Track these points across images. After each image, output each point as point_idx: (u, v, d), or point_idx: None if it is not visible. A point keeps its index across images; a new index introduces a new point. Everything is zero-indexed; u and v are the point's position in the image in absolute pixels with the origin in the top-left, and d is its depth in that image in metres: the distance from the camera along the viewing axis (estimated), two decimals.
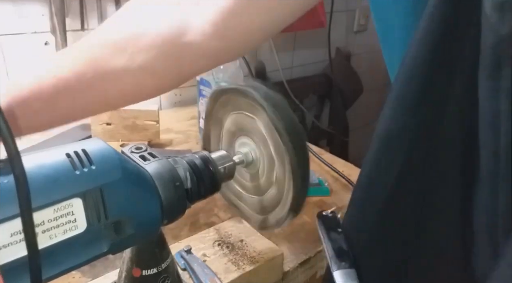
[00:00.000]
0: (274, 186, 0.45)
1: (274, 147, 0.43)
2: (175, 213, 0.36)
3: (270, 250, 0.54)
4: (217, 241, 0.55)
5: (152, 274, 0.41)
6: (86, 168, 0.29)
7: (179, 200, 0.36)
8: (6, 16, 0.87)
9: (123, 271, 0.42)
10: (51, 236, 0.28)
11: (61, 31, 0.88)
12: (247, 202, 0.50)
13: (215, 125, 0.50)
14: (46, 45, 0.93)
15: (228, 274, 0.50)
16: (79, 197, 0.28)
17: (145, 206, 0.33)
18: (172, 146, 0.94)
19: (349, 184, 0.79)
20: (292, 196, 0.42)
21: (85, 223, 0.29)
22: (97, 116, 0.86)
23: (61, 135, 0.93)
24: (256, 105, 0.42)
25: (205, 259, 0.52)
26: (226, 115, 0.48)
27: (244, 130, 0.46)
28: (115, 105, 0.50)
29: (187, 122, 1.07)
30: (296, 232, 0.64)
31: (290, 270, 0.58)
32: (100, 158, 0.30)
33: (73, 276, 0.54)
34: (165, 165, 0.36)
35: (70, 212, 0.28)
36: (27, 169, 0.24)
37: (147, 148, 0.39)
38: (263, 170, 0.46)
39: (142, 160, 0.37)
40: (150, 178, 0.35)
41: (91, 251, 0.30)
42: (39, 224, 0.27)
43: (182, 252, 0.53)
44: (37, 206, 0.26)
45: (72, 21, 0.94)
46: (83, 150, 0.30)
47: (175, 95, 1.18)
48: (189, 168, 0.38)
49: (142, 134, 0.89)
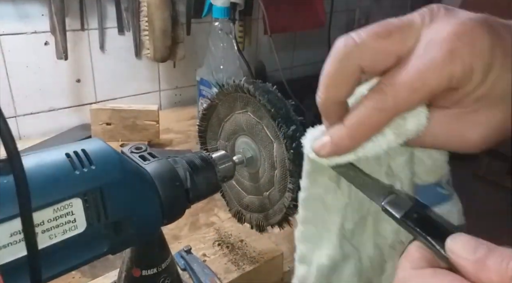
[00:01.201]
0: (274, 185, 0.45)
1: (276, 149, 0.43)
2: (175, 213, 0.36)
3: (270, 250, 0.54)
4: (217, 241, 0.55)
5: (152, 274, 0.41)
6: (86, 168, 0.29)
7: (178, 200, 0.36)
8: (6, 16, 0.87)
9: (123, 271, 0.42)
10: (50, 236, 0.28)
11: (61, 31, 0.88)
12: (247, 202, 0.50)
13: (215, 122, 0.50)
14: (46, 45, 0.93)
15: (228, 274, 0.50)
16: (79, 197, 0.28)
17: (145, 206, 0.33)
18: (172, 146, 0.94)
19: None
20: (292, 195, 0.42)
21: (85, 223, 0.29)
22: (97, 116, 0.86)
23: (61, 136, 0.94)
24: (262, 108, 0.42)
25: (205, 259, 0.52)
26: (228, 113, 0.48)
27: (245, 130, 0.46)
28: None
29: (187, 122, 1.07)
30: None
31: (290, 269, 0.58)
32: (100, 158, 0.30)
33: (73, 276, 0.54)
34: (165, 165, 0.36)
35: (69, 212, 0.28)
36: (27, 169, 0.24)
37: (147, 148, 0.39)
38: (263, 170, 0.46)
39: (142, 160, 0.37)
40: (150, 178, 0.35)
41: (91, 251, 0.30)
42: (39, 224, 0.27)
43: (182, 252, 0.53)
44: (37, 206, 0.26)
45: (72, 21, 0.94)
46: (83, 150, 0.30)
47: (175, 95, 1.18)
48: (189, 168, 0.38)
49: (142, 135, 0.89)
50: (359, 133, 0.26)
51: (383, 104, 0.24)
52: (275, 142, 0.43)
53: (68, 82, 0.99)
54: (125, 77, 1.07)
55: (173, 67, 1.12)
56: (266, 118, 0.43)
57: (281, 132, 0.40)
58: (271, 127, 0.42)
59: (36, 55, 0.92)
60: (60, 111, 1.00)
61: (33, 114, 0.96)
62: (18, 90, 0.92)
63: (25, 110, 0.95)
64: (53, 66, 0.94)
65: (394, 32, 0.25)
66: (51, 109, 0.98)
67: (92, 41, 0.99)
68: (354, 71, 0.25)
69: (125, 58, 1.05)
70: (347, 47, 0.25)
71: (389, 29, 0.25)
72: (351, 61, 0.25)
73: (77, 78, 1.00)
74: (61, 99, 0.99)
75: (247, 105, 0.45)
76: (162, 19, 0.95)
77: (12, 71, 0.90)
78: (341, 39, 0.26)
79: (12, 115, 0.93)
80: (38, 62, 0.93)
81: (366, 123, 0.25)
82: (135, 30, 1.01)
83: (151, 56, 0.99)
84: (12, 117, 0.94)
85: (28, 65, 0.92)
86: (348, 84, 0.26)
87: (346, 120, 0.26)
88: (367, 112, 0.25)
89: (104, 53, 1.02)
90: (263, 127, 0.44)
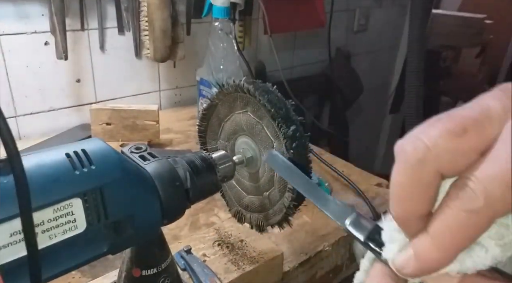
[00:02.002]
0: (274, 185, 0.45)
1: (276, 149, 0.43)
2: (175, 213, 0.36)
3: (270, 250, 0.54)
4: (217, 241, 0.55)
5: (152, 274, 0.41)
6: (86, 168, 0.29)
7: (178, 200, 0.36)
8: (6, 16, 0.87)
9: (123, 271, 0.42)
10: (50, 236, 0.28)
11: (61, 31, 0.88)
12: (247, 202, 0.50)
13: (215, 122, 0.50)
14: (46, 45, 0.93)
15: (228, 274, 0.50)
16: (78, 197, 0.28)
17: (145, 206, 0.33)
18: (172, 146, 0.94)
19: (349, 184, 0.79)
20: (291, 195, 0.42)
21: (85, 223, 0.29)
22: (97, 116, 0.86)
23: (61, 136, 0.94)
24: (262, 108, 0.42)
25: (205, 259, 0.52)
26: (228, 113, 0.48)
27: (245, 130, 0.46)
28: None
29: (187, 122, 1.07)
30: (296, 232, 0.64)
31: (290, 270, 0.58)
32: (100, 158, 0.30)
33: (73, 276, 0.54)
34: (165, 165, 0.36)
35: (69, 212, 0.28)
36: (26, 169, 0.24)
37: (147, 148, 0.39)
38: (263, 170, 0.46)
39: (142, 160, 0.37)
40: (150, 178, 0.35)
41: (91, 251, 0.30)
42: (39, 224, 0.27)
43: (182, 252, 0.53)
44: (37, 206, 0.26)
45: (72, 21, 0.94)
46: (83, 150, 0.30)
47: (175, 95, 1.18)
48: (189, 168, 0.38)
49: (142, 135, 0.89)
50: (449, 243, 0.21)
51: (472, 204, 0.20)
52: (275, 142, 0.43)
53: (68, 82, 0.99)
54: (125, 77, 1.07)
55: (173, 67, 1.12)
56: (266, 118, 0.43)
57: (281, 132, 0.40)
58: (271, 127, 0.42)
59: (36, 55, 0.92)
60: (60, 111, 1.00)
61: (33, 114, 0.96)
62: (18, 90, 0.92)
63: (25, 110, 0.95)
64: (53, 66, 0.95)
65: (470, 128, 0.21)
66: (51, 109, 0.98)
67: (92, 41, 0.99)
68: (434, 178, 0.21)
69: (125, 58, 1.05)
70: (419, 153, 0.21)
71: (463, 124, 0.21)
72: (428, 167, 0.21)
73: (77, 78, 1.00)
74: (61, 99, 0.99)
75: (247, 105, 0.45)
76: (162, 19, 0.95)
77: (12, 71, 0.90)
78: (406, 142, 0.21)
79: (12, 115, 0.93)
80: (38, 62, 0.93)
81: (456, 230, 0.20)
82: (135, 30, 1.01)
83: (151, 56, 0.99)
84: (12, 117, 0.94)
85: (28, 65, 0.92)
86: (428, 195, 0.22)
87: (431, 227, 0.21)
88: (454, 215, 0.20)
89: (104, 53, 1.02)
90: (263, 127, 0.44)
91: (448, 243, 0.21)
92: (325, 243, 0.63)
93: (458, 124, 0.21)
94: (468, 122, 0.21)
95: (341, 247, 0.66)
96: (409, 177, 0.21)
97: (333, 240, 0.64)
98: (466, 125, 0.20)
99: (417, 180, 0.21)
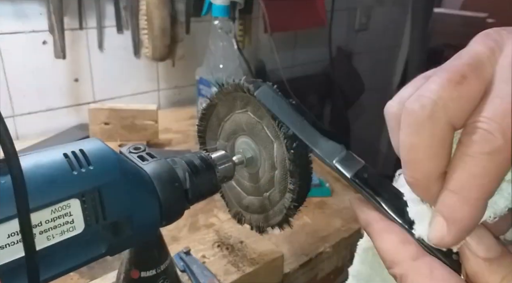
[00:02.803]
0: (274, 186, 0.45)
1: (277, 150, 0.42)
2: (174, 214, 0.36)
3: (270, 252, 0.54)
4: (217, 242, 0.55)
5: (150, 275, 0.40)
6: (83, 168, 0.29)
7: (178, 200, 0.36)
8: (4, 15, 0.86)
9: (121, 273, 0.42)
10: (48, 237, 0.27)
11: (59, 30, 0.88)
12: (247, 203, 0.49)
13: (214, 121, 0.50)
14: (44, 44, 0.92)
15: (227, 275, 0.50)
16: (76, 198, 0.28)
17: (143, 206, 0.33)
18: (171, 146, 0.93)
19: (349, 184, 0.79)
20: (292, 196, 0.42)
21: (83, 224, 0.29)
22: (95, 116, 0.86)
23: (58, 136, 0.93)
24: (262, 107, 0.41)
25: (205, 261, 0.52)
26: (228, 112, 0.48)
27: (245, 130, 0.46)
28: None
29: (186, 122, 1.06)
30: (296, 233, 0.64)
31: (291, 271, 0.58)
32: (98, 158, 0.30)
33: (71, 277, 0.53)
34: (163, 165, 0.36)
35: (67, 213, 0.28)
36: (24, 169, 0.24)
37: (145, 148, 0.38)
38: (263, 170, 0.45)
39: (141, 160, 0.36)
40: (149, 178, 0.34)
41: (89, 252, 0.30)
42: (37, 225, 0.26)
43: (181, 254, 0.52)
44: (35, 207, 0.26)
45: (70, 20, 0.93)
46: (81, 150, 0.30)
47: (174, 94, 1.18)
48: (188, 168, 0.38)
49: (140, 134, 0.88)
50: (476, 192, 0.20)
51: (492, 144, 0.19)
52: (276, 142, 0.42)
53: (66, 82, 0.98)
54: (124, 77, 1.07)
55: (172, 66, 1.11)
56: (266, 118, 0.42)
57: (281, 132, 0.40)
58: (271, 127, 0.42)
59: (34, 55, 0.92)
60: (58, 111, 0.99)
61: (31, 114, 0.96)
62: (16, 89, 0.92)
63: (23, 110, 0.95)
64: (51, 65, 0.94)
65: (468, 74, 0.21)
66: (49, 109, 0.98)
67: (90, 40, 0.99)
68: (448, 131, 0.20)
69: (123, 57, 1.04)
70: (427, 109, 0.20)
71: (460, 72, 0.21)
72: (439, 121, 0.20)
73: (75, 78, 0.99)
74: (59, 98, 0.99)
75: (247, 104, 0.44)
76: (161, 18, 0.95)
77: (10, 70, 0.90)
78: (410, 103, 0.21)
79: (10, 115, 0.93)
80: (36, 62, 0.93)
81: (481, 176, 0.19)
82: (134, 29, 1.00)
83: (150, 55, 0.99)
84: (10, 117, 0.93)
85: (26, 65, 0.92)
86: (445, 150, 0.21)
87: (452, 183, 0.20)
88: (475, 162, 0.19)
89: (102, 52, 1.01)
90: (263, 127, 0.43)
91: (475, 193, 0.20)
92: (326, 244, 0.63)
93: (456, 73, 0.21)
94: (464, 69, 0.21)
95: (342, 248, 0.66)
96: (422, 136, 0.21)
97: (334, 241, 0.64)
98: (464, 72, 0.20)
99: (431, 137, 0.21)
